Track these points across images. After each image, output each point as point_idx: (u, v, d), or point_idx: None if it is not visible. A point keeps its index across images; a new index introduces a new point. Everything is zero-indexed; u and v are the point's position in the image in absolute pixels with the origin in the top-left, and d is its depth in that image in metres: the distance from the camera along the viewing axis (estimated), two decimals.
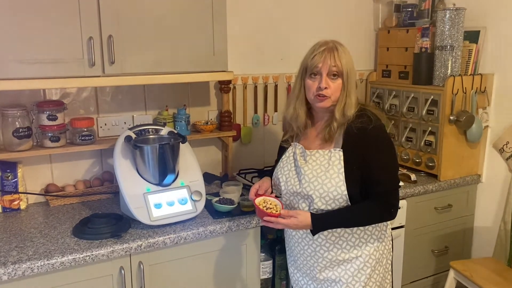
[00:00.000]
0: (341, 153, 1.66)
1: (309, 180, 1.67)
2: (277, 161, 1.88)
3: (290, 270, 1.92)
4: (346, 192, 1.63)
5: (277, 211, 1.67)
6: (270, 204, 1.70)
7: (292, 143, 1.80)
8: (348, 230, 1.70)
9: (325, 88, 1.63)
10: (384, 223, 1.77)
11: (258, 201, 1.72)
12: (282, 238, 1.98)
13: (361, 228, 1.71)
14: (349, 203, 1.65)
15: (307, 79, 1.68)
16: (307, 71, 1.67)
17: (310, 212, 1.65)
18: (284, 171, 1.77)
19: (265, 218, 1.66)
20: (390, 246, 1.83)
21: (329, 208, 1.66)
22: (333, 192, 1.64)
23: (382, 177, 1.65)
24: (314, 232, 1.66)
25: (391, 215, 1.70)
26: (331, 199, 1.65)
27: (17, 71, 1.81)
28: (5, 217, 2.05)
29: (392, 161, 1.72)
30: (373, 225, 1.72)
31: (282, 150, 1.86)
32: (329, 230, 1.70)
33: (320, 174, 1.66)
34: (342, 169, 1.64)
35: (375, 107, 1.73)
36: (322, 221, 1.65)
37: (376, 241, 1.74)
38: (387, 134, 1.72)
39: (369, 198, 1.66)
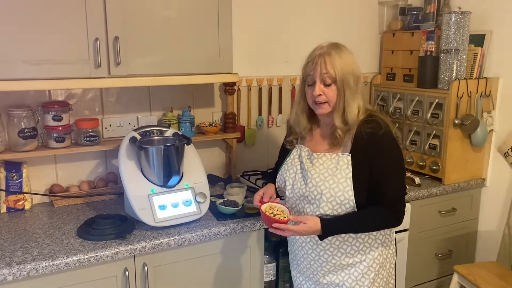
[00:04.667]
0: (349, 158, 1.64)
1: (316, 184, 1.66)
2: (278, 163, 1.88)
3: (293, 273, 1.92)
4: (353, 198, 1.62)
5: (284, 217, 1.62)
6: (277, 210, 1.65)
7: (296, 145, 1.80)
8: (352, 234, 1.69)
9: (319, 95, 1.62)
10: None
11: (264, 207, 1.66)
12: (286, 240, 1.98)
13: (366, 232, 1.70)
14: (356, 208, 1.64)
15: (306, 86, 1.68)
16: (304, 79, 1.68)
17: (320, 217, 1.62)
18: (290, 174, 1.76)
19: (274, 225, 1.60)
20: (394, 250, 1.82)
21: (335, 213, 1.65)
22: (340, 197, 1.62)
23: (390, 183, 1.64)
24: (322, 237, 1.64)
25: (398, 222, 1.70)
26: (338, 204, 1.64)
27: (23, 71, 1.82)
28: (9, 217, 2.05)
29: (400, 168, 1.70)
30: (386, 229, 1.73)
31: (284, 152, 1.85)
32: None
33: (327, 178, 1.65)
34: (350, 174, 1.63)
35: (383, 113, 1.72)
36: (332, 227, 1.63)
37: (380, 246, 1.73)
38: (396, 141, 1.70)
39: (376, 204, 1.64)
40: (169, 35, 2.06)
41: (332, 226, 1.63)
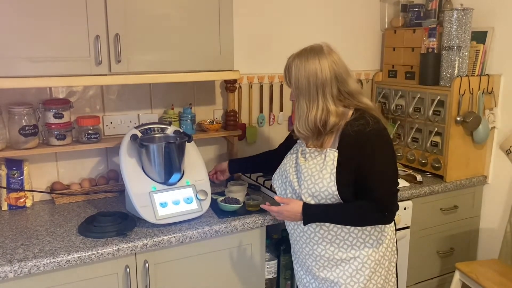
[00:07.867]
0: (336, 154, 1.65)
1: (304, 179, 1.68)
2: (282, 145, 2.05)
3: (295, 267, 1.93)
4: (337, 193, 1.63)
5: None
6: None
7: (298, 140, 1.81)
8: (345, 229, 1.69)
9: (292, 100, 1.76)
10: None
11: None
12: (287, 238, 1.98)
13: (359, 227, 1.69)
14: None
15: None
16: None
17: (303, 202, 1.66)
18: (286, 167, 1.79)
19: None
20: (394, 248, 1.81)
21: None
22: (324, 192, 1.64)
23: (378, 180, 1.62)
24: (305, 222, 1.66)
25: (387, 219, 1.68)
26: (323, 199, 1.65)
27: (24, 69, 1.81)
28: (11, 215, 2.05)
29: (390, 164, 1.67)
30: (372, 225, 1.71)
31: (290, 140, 1.90)
32: (325, 228, 1.70)
33: (314, 173, 1.66)
34: (335, 170, 1.63)
35: (376, 110, 1.71)
36: (313, 212, 1.65)
37: (376, 242, 1.72)
38: (386, 137, 1.67)
39: (366, 200, 1.64)
40: (170, 33, 2.06)
41: (313, 211, 1.65)
